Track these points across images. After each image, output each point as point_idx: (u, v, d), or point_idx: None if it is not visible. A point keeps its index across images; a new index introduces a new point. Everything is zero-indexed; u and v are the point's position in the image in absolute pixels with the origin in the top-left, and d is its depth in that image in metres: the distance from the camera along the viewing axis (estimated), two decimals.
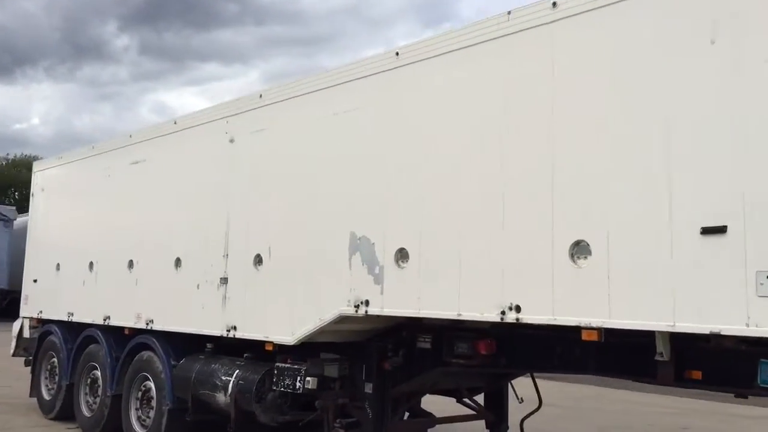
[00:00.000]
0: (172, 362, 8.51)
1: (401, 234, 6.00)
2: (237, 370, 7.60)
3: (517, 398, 7.67)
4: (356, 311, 6.28)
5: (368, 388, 6.79)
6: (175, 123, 8.87)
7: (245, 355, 7.81)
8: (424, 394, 7.52)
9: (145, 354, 8.94)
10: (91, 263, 10.07)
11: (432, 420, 7.81)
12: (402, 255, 5.98)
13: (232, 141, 7.89)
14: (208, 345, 8.35)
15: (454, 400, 7.88)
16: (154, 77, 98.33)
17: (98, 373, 9.84)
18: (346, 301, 6.38)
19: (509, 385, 7.76)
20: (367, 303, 6.21)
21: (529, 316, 5.06)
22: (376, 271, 6.14)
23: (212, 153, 8.17)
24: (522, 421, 7.46)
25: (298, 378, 6.86)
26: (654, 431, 11.39)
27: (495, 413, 7.80)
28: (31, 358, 11.84)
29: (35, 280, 11.54)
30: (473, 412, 7.82)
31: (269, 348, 7.18)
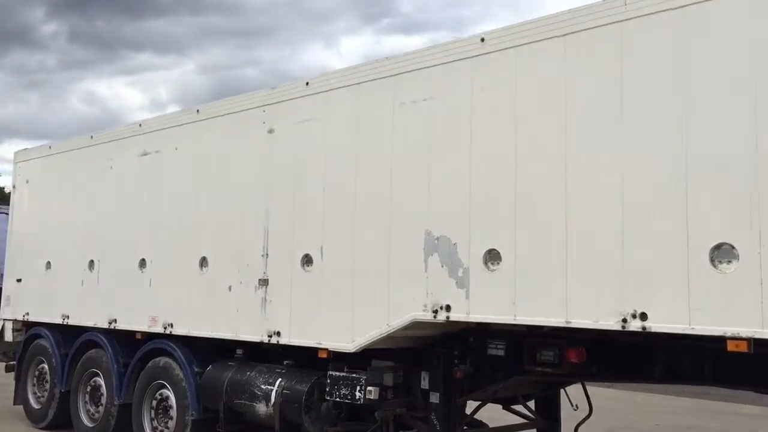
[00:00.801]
0: (196, 369, 7.91)
1: (490, 234, 5.58)
2: (279, 379, 7.07)
3: (572, 405, 7.35)
4: (435, 317, 5.84)
5: (434, 398, 6.35)
6: (197, 112, 8.23)
7: (285, 362, 7.29)
8: (486, 403, 7.13)
9: (162, 360, 8.30)
10: (92, 262, 9.34)
11: (487, 430, 7.42)
12: (492, 256, 5.55)
13: (271, 132, 7.34)
14: (238, 351, 7.78)
15: (500, 407, 7.53)
16: (84, 66, 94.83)
17: (101, 380, 9.14)
18: (421, 306, 5.93)
19: (563, 391, 7.44)
20: (447, 308, 5.77)
21: (658, 325, 4.70)
22: (460, 273, 5.70)
23: (246, 144, 7.59)
24: (577, 427, 7.15)
25: (358, 388, 6.38)
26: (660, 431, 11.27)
27: (548, 420, 7.46)
28: (13, 363, 11.01)
29: (19, 280, 10.69)
30: (524, 420, 7.47)
31: (324, 355, 6.66)
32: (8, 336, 10.82)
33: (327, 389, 6.62)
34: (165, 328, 8.20)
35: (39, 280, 10.26)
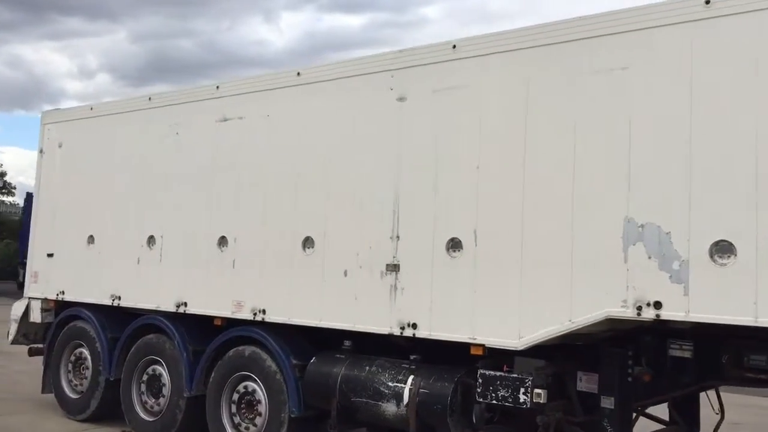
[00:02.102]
0: (294, 361, 7.09)
1: (719, 221, 4.92)
2: (411, 376, 6.33)
3: (713, 409, 6.82)
4: (638, 314, 5.18)
5: (607, 403, 5.70)
6: (298, 75, 7.35)
7: (412, 357, 6.55)
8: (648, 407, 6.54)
9: (247, 350, 7.45)
10: (152, 238, 8.38)
11: None
12: (720, 249, 4.91)
13: (402, 99, 6.53)
14: (346, 342, 7.00)
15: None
16: (8, 27, 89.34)
17: (161, 369, 8.23)
18: (618, 302, 5.26)
19: (704, 394, 6.90)
20: (657, 305, 5.11)
21: None
22: (675, 266, 5.04)
23: (365, 113, 6.77)
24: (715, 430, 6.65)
25: (522, 390, 5.70)
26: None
27: (687, 422, 6.91)
28: (38, 346, 9.98)
29: (50, 255, 9.62)
30: (661, 424, 6.92)
31: (478, 352, 5.94)
32: (35, 316, 9.74)
33: (479, 390, 5.92)
34: (254, 314, 7.34)
35: (78, 255, 9.22)
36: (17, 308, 9.97)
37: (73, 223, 9.36)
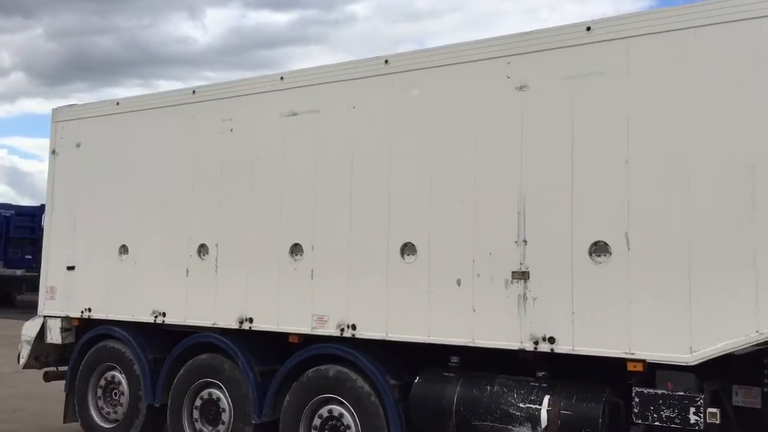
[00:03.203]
0: (392, 381, 6.37)
1: None
2: (547, 396, 5.68)
3: None
4: None
5: None
6: (386, 63, 6.60)
7: (539, 373, 5.90)
8: None
9: (331, 369, 6.68)
10: (204, 247, 7.51)
11: None
12: None
13: (522, 88, 5.88)
14: (453, 359, 6.30)
15: None
16: None
17: (220, 393, 7.37)
18: None
19: None
20: None
21: None
22: None
23: (475, 103, 6.09)
24: None
25: (693, 409, 5.12)
26: None
27: None
28: (54, 370, 8.96)
29: (71, 268, 8.62)
30: None
31: (637, 368, 5.32)
32: (53, 337, 8.71)
33: (636, 410, 5.31)
34: (342, 330, 6.58)
35: (108, 268, 8.26)
36: (30, 328, 8.92)
37: (100, 231, 8.39)
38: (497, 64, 6.02)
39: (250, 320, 7.14)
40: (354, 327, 6.53)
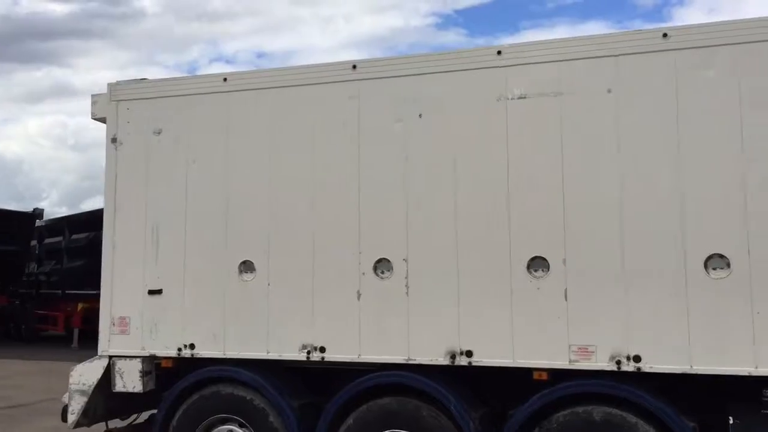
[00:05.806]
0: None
1: None
2: None
3: None
4: None
5: None
6: (664, 36, 5.41)
7: None
8: None
9: (612, 412, 5.34)
10: (384, 262, 5.91)
11: None
12: None
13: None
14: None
15: None
16: None
17: None
18: None
19: None
20: None
21: None
22: None
23: None
24: None
25: None
26: None
27: None
28: (121, 428, 6.86)
29: (155, 291, 6.60)
30: None
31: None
32: (127, 383, 6.60)
33: None
34: (618, 362, 5.30)
35: (222, 291, 6.37)
36: (86, 374, 6.72)
37: (205, 243, 6.47)
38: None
39: (468, 354, 5.65)
40: (638, 359, 5.27)
